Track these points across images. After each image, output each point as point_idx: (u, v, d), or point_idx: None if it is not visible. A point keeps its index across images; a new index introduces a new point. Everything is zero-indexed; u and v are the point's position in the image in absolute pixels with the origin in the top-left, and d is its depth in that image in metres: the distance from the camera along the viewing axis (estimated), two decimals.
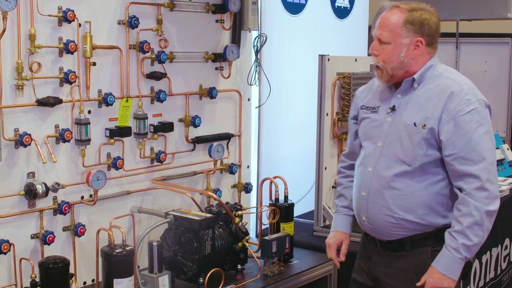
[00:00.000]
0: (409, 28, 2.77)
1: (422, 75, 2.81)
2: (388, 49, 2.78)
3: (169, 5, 3.41)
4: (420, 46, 2.79)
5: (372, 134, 2.92)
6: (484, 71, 7.01)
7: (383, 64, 2.80)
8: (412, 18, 2.77)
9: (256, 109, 4.09)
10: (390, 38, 2.78)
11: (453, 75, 2.83)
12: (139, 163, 3.40)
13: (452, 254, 2.69)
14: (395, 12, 2.79)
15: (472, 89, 2.76)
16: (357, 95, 3.10)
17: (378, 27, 2.82)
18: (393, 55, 2.78)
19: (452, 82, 2.77)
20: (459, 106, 2.69)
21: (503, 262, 4.58)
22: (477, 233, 2.67)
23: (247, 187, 3.97)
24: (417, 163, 2.76)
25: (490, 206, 2.68)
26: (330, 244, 3.10)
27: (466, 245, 2.67)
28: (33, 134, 2.88)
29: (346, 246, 3.10)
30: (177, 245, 3.20)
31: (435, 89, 2.78)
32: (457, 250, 2.68)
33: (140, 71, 3.33)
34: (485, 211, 2.66)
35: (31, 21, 2.84)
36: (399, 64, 2.79)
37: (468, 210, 2.67)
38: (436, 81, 2.80)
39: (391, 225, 2.83)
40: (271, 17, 4.19)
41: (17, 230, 2.91)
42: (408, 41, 2.77)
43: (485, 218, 2.67)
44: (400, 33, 2.77)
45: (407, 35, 2.77)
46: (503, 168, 5.15)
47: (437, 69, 2.83)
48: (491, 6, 6.16)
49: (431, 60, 2.83)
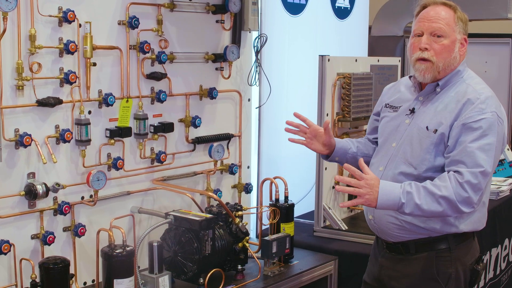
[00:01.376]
0: (460, 25, 2.76)
1: (448, 80, 2.78)
2: (445, 43, 2.73)
3: (169, 6, 3.41)
4: (465, 45, 2.79)
5: (388, 133, 2.91)
6: (484, 72, 7.01)
7: (437, 59, 2.74)
8: (461, 16, 2.77)
9: (256, 109, 4.09)
10: (447, 32, 2.73)
11: (474, 83, 2.78)
12: (139, 163, 3.40)
13: (399, 190, 2.60)
14: (445, 8, 2.76)
15: (490, 99, 2.70)
16: (384, 92, 3.10)
17: (431, 21, 2.74)
18: (449, 49, 2.74)
19: (471, 90, 2.73)
20: (471, 113, 2.66)
21: (502, 263, 4.58)
22: (429, 203, 2.58)
23: (247, 187, 3.97)
24: (423, 168, 2.74)
25: (461, 205, 2.59)
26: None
27: (414, 199, 2.58)
28: (33, 135, 2.88)
29: (315, 127, 3.11)
30: (177, 246, 3.20)
31: (454, 96, 2.74)
32: (404, 194, 2.59)
33: (140, 71, 3.33)
34: (454, 200, 2.58)
35: (31, 21, 2.84)
36: (452, 60, 2.76)
37: (444, 184, 2.59)
38: (458, 88, 2.76)
39: (394, 227, 2.82)
40: (271, 18, 4.19)
41: (17, 231, 2.91)
42: (460, 37, 2.77)
43: (447, 205, 2.59)
44: (455, 27, 2.75)
45: (459, 31, 2.76)
46: (503, 168, 5.15)
47: (463, 75, 2.80)
48: (491, 7, 6.16)
49: (461, 65, 2.81)
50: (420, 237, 2.80)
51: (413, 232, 2.80)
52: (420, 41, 2.76)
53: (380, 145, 2.97)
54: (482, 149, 2.62)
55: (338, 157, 3.12)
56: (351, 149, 3.11)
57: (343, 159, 3.12)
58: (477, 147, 2.62)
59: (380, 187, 2.60)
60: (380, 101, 3.09)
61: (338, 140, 3.14)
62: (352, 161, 3.06)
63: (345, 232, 3.88)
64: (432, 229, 2.77)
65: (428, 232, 2.78)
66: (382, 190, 2.60)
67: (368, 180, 2.61)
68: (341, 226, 3.91)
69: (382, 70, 4.35)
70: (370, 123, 3.19)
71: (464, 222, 2.77)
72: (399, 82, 3.08)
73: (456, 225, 2.76)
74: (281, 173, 3.76)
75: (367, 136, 3.21)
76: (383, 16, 6.74)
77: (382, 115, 3.01)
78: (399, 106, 2.93)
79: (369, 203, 2.62)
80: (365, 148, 3.15)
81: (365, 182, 2.60)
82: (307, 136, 3.12)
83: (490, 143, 2.63)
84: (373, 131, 3.15)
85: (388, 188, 2.62)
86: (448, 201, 2.58)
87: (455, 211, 2.62)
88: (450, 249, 2.79)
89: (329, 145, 3.10)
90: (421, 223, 2.76)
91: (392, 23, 6.67)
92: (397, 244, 2.86)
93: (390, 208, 2.66)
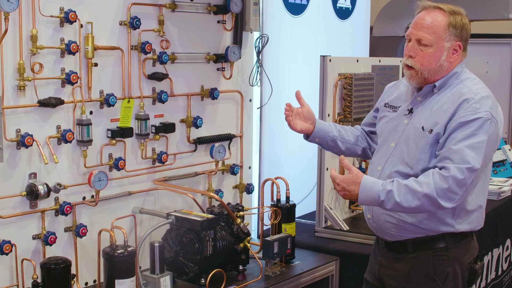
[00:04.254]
0: (452, 32, 2.71)
1: (445, 81, 2.78)
2: (429, 52, 2.71)
3: (170, 6, 3.41)
4: (458, 51, 2.75)
5: (387, 134, 2.93)
6: (485, 72, 7.01)
7: (420, 67, 2.73)
8: (455, 22, 2.71)
9: (257, 109, 4.09)
10: (432, 41, 2.70)
11: (471, 83, 2.77)
12: (141, 163, 3.40)
13: (378, 188, 2.65)
14: (438, 14, 2.71)
15: (485, 99, 2.69)
16: (386, 90, 3.12)
17: (418, 28, 2.72)
18: (434, 58, 2.72)
19: (467, 90, 2.72)
20: (465, 112, 2.66)
21: (504, 263, 4.58)
22: (409, 200, 2.60)
23: (248, 187, 3.97)
24: (419, 167, 2.75)
25: (442, 200, 2.59)
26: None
27: (394, 197, 2.61)
28: (35, 135, 2.88)
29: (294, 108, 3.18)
30: (178, 246, 3.20)
31: (450, 96, 2.74)
32: (384, 192, 2.63)
33: (142, 71, 3.33)
34: (434, 197, 2.58)
35: (33, 22, 2.85)
36: (438, 68, 2.73)
37: (426, 181, 2.60)
38: (454, 89, 2.76)
39: (391, 226, 2.84)
40: (273, 18, 4.19)
41: (19, 231, 2.91)
42: (449, 45, 2.72)
43: (427, 201, 2.60)
44: (443, 36, 2.70)
45: (449, 39, 2.71)
46: (504, 169, 5.15)
47: (461, 76, 2.79)
48: (492, 7, 6.16)
49: (458, 66, 2.79)
50: (417, 236, 2.81)
51: (410, 231, 2.81)
52: (407, 47, 2.78)
53: (379, 145, 2.98)
54: (471, 147, 2.61)
55: (318, 138, 3.17)
56: (332, 133, 3.14)
57: (323, 141, 3.18)
58: (466, 145, 2.61)
59: (361, 185, 2.68)
60: (381, 98, 3.11)
61: (320, 121, 3.18)
62: (332, 144, 3.16)
63: (347, 233, 3.88)
64: (429, 228, 2.78)
65: (425, 231, 2.79)
66: (363, 188, 2.68)
67: (343, 181, 2.71)
68: (342, 226, 3.91)
69: (384, 71, 4.35)
70: (368, 117, 3.24)
71: (461, 223, 2.78)
72: (400, 81, 3.09)
73: (452, 224, 2.77)
74: (282, 174, 3.76)
75: (362, 126, 3.24)
76: (384, 17, 6.74)
77: (382, 115, 3.02)
78: (399, 106, 2.94)
79: (349, 199, 2.80)
80: (346, 135, 3.18)
81: (339, 182, 2.71)
82: (290, 114, 3.19)
83: (481, 141, 2.62)
84: (369, 125, 3.19)
85: (368, 186, 2.68)
86: (429, 198, 2.60)
87: (436, 207, 2.63)
88: (448, 248, 2.80)
89: (311, 120, 3.16)
90: (418, 222, 2.78)
91: (393, 24, 6.67)
92: (395, 243, 2.88)
93: (371, 204, 2.77)
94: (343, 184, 2.70)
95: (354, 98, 3.95)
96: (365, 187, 2.68)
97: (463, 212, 2.76)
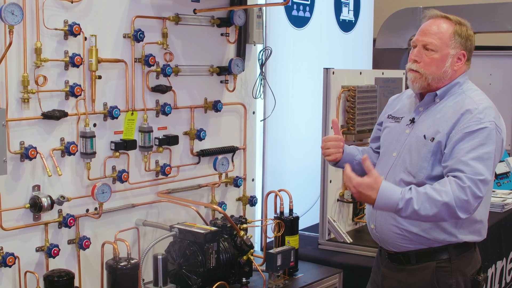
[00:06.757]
0: (457, 40, 2.77)
1: (446, 91, 2.81)
2: (434, 57, 2.77)
3: (174, 19, 3.43)
4: (462, 60, 2.80)
5: (389, 143, 2.94)
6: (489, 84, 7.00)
7: (425, 71, 2.78)
8: (461, 31, 2.78)
9: (261, 122, 4.10)
10: (438, 46, 2.76)
11: (473, 94, 2.79)
12: (144, 176, 3.40)
13: (398, 196, 2.61)
14: (444, 22, 2.79)
15: (488, 109, 2.71)
16: (389, 103, 3.14)
17: (424, 34, 2.79)
18: (439, 64, 2.77)
19: (470, 101, 2.74)
20: (469, 123, 2.67)
21: (507, 275, 4.56)
22: (427, 209, 2.58)
23: (252, 200, 3.97)
24: (421, 176, 2.76)
25: (459, 210, 2.58)
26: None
27: (413, 205, 2.58)
28: (38, 147, 2.89)
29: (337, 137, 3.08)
30: (182, 258, 3.19)
31: (452, 106, 2.76)
32: (403, 200, 2.60)
33: (145, 84, 3.34)
34: (453, 206, 2.57)
35: (37, 34, 2.86)
36: (442, 74, 2.78)
37: (444, 189, 2.59)
38: (456, 98, 2.78)
39: (396, 236, 2.83)
40: (276, 31, 4.20)
41: (22, 243, 2.91)
42: (454, 52, 2.78)
43: (445, 210, 2.58)
44: (449, 43, 2.76)
45: (454, 46, 2.77)
46: (508, 181, 5.14)
47: (463, 86, 2.82)
48: (495, 19, 6.17)
49: (460, 77, 2.82)
50: (421, 247, 2.81)
51: (414, 242, 2.81)
52: (413, 53, 2.83)
53: (381, 155, 3.00)
54: (480, 158, 2.62)
55: (346, 163, 3.13)
56: (357, 156, 3.13)
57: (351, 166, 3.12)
58: (475, 156, 2.62)
59: (379, 192, 2.63)
60: (385, 111, 3.12)
61: (346, 146, 3.15)
62: (357, 167, 3.07)
63: (350, 245, 3.88)
64: (432, 238, 2.77)
65: (429, 241, 2.78)
66: (381, 195, 2.63)
67: (359, 185, 2.64)
68: (346, 239, 3.91)
69: (387, 83, 4.35)
70: (373, 132, 3.24)
71: (464, 233, 2.78)
72: (403, 93, 3.12)
73: (455, 234, 2.77)
74: (285, 186, 3.76)
75: (370, 145, 3.25)
76: (387, 29, 6.75)
77: (384, 126, 3.04)
78: (401, 117, 2.96)
79: (363, 201, 2.76)
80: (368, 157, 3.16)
81: (355, 185, 2.65)
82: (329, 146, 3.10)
83: (489, 152, 2.64)
84: (375, 140, 3.19)
85: (387, 193, 2.64)
86: (447, 206, 2.58)
87: (453, 217, 2.63)
88: (451, 259, 2.79)
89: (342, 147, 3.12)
90: (421, 231, 2.77)
91: (396, 36, 6.68)
92: (398, 254, 2.87)
93: (386, 210, 2.72)
94: (359, 188, 2.65)
95: (357, 111, 3.95)
96: (384, 195, 2.63)
97: (466, 222, 2.76)
